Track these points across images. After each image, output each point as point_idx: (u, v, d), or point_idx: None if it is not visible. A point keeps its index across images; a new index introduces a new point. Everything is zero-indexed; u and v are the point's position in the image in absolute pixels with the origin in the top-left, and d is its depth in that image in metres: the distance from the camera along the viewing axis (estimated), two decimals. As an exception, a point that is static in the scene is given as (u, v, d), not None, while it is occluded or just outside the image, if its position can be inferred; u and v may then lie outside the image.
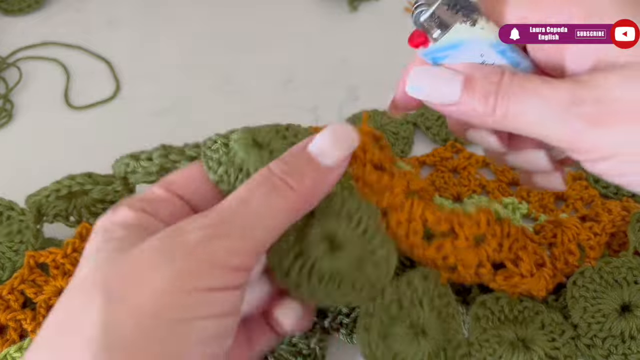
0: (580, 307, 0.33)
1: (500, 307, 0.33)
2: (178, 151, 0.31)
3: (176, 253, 0.24)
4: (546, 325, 0.33)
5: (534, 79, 0.27)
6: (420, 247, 0.31)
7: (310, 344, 0.33)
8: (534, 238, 0.34)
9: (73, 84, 0.51)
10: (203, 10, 0.58)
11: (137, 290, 0.23)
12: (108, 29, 0.56)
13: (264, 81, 0.51)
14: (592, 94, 0.26)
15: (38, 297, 0.34)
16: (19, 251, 0.35)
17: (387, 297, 0.30)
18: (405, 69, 0.31)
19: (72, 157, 0.40)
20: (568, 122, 0.26)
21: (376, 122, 0.47)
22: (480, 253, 0.31)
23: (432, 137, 0.46)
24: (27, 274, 0.34)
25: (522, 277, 0.32)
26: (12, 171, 0.44)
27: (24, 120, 0.48)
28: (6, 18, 0.56)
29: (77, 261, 0.34)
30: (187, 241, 0.24)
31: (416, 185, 0.31)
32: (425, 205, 0.31)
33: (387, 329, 0.30)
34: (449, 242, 0.31)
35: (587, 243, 0.34)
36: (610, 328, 0.32)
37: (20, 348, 0.33)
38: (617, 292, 0.33)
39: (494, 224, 0.31)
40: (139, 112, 0.49)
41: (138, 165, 0.33)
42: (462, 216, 0.31)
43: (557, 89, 0.26)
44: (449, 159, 0.44)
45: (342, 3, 0.58)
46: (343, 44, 0.55)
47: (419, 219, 0.30)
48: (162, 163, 0.32)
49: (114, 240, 0.25)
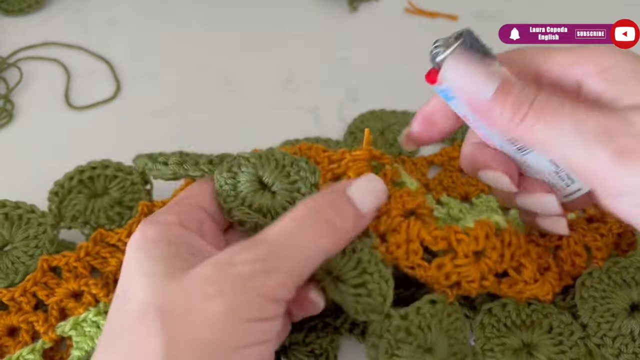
0: (590, 307, 0.33)
1: (507, 314, 0.33)
2: (193, 162, 0.33)
3: (230, 286, 0.25)
4: (554, 327, 0.33)
5: (569, 102, 0.27)
6: (422, 267, 0.31)
7: (323, 344, 0.33)
8: (539, 241, 0.34)
9: (73, 84, 0.51)
10: (203, 10, 0.58)
11: (194, 321, 0.25)
12: (108, 29, 0.56)
13: (264, 81, 0.51)
14: (625, 128, 0.26)
15: (50, 299, 0.34)
16: (34, 256, 0.36)
17: (394, 323, 0.31)
18: (421, 109, 0.32)
19: (72, 157, 0.40)
20: (596, 151, 0.26)
21: (384, 121, 0.47)
22: (482, 267, 0.31)
23: None
24: (39, 277, 0.34)
25: (526, 283, 0.32)
26: (12, 171, 0.44)
27: (24, 121, 0.48)
28: (6, 18, 0.56)
29: (89, 265, 0.35)
30: (239, 274, 0.25)
31: (412, 204, 0.32)
32: (422, 225, 0.31)
33: (394, 350, 0.31)
34: (448, 260, 0.31)
35: (594, 244, 0.34)
36: (620, 327, 0.32)
37: (32, 350, 0.33)
38: (626, 291, 0.33)
39: (493, 237, 0.31)
40: (139, 112, 0.49)
41: (154, 167, 0.34)
42: (460, 233, 0.31)
43: (590, 115, 0.26)
44: (457, 159, 0.44)
45: (342, 3, 0.58)
46: (343, 44, 0.55)
47: (416, 239, 0.31)
48: (176, 170, 0.33)
49: (159, 261, 0.27)
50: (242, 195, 0.32)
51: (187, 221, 0.29)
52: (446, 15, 0.57)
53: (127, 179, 0.39)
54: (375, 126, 0.46)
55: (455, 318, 0.32)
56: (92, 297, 0.34)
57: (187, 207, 0.31)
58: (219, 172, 0.32)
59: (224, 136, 0.44)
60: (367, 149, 0.33)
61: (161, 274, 0.26)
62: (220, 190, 0.32)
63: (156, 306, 0.25)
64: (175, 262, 0.27)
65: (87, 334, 0.33)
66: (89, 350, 0.33)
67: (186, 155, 0.34)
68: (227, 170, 0.32)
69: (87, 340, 0.33)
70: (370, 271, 0.30)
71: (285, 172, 0.32)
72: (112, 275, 0.35)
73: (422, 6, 0.58)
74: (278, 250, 0.27)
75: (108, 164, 0.39)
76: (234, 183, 0.32)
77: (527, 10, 0.57)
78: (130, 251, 0.28)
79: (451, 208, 0.40)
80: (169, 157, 0.34)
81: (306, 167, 0.32)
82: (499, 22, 0.36)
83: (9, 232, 0.36)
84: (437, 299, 0.32)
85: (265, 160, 0.32)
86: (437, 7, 0.57)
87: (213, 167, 0.32)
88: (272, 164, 0.32)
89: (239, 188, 0.32)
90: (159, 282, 0.26)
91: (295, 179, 0.32)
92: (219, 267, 0.26)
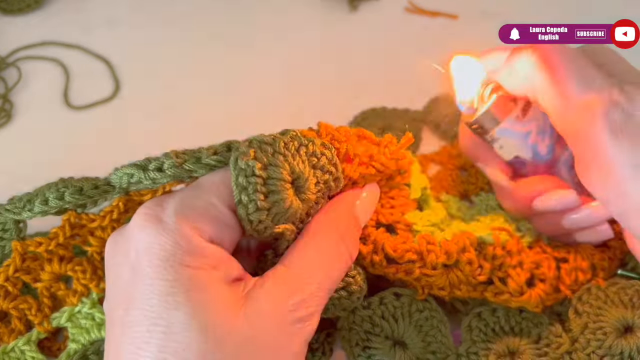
0: (582, 322, 0.32)
1: (496, 319, 0.33)
2: (194, 159, 0.28)
3: (282, 341, 0.25)
4: (543, 338, 0.33)
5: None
6: (390, 273, 0.32)
7: (319, 338, 0.33)
8: (547, 249, 0.34)
9: (72, 83, 0.51)
10: (203, 10, 0.58)
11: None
12: (108, 29, 0.56)
13: (264, 81, 0.51)
14: None
15: (37, 284, 0.34)
16: (4, 239, 0.34)
17: (358, 314, 0.32)
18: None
19: (71, 157, 0.40)
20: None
21: (385, 119, 0.47)
22: (452, 278, 0.32)
23: (440, 135, 0.46)
24: (19, 262, 0.33)
25: (511, 295, 0.32)
26: (11, 171, 0.44)
27: (23, 120, 0.48)
28: (5, 18, 0.56)
29: (69, 249, 0.33)
30: (290, 328, 0.25)
31: (388, 219, 0.33)
32: (387, 239, 0.32)
33: (365, 342, 0.32)
34: (417, 267, 0.31)
35: (600, 264, 0.34)
36: (610, 346, 0.31)
37: (28, 341, 0.33)
38: (622, 312, 0.32)
39: (471, 251, 0.32)
40: (138, 112, 0.49)
41: (146, 177, 0.28)
42: (431, 244, 0.32)
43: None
44: (457, 157, 0.44)
45: (342, 2, 0.58)
46: (343, 44, 0.55)
47: (380, 252, 0.32)
48: (175, 174, 0.28)
49: (203, 296, 0.23)
50: (275, 199, 0.26)
51: (222, 233, 0.26)
52: (447, 14, 0.57)
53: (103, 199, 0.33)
54: (376, 123, 0.46)
55: (430, 315, 0.32)
56: (83, 286, 0.33)
57: (224, 213, 0.26)
58: (242, 156, 0.26)
59: (224, 136, 0.44)
60: (395, 156, 0.32)
61: (211, 312, 0.23)
62: (245, 183, 0.26)
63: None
64: (221, 296, 0.24)
65: (83, 327, 0.33)
66: (86, 343, 0.33)
67: (182, 154, 0.28)
68: (253, 157, 0.26)
69: (83, 333, 0.33)
70: (352, 274, 0.30)
71: (315, 177, 0.28)
72: (98, 255, 0.33)
73: (423, 6, 0.57)
74: (316, 291, 0.27)
75: (72, 199, 0.31)
76: (264, 177, 0.26)
77: (527, 10, 0.57)
78: (155, 266, 0.24)
79: (450, 206, 0.40)
80: (162, 161, 0.28)
81: (334, 172, 0.29)
82: (499, 22, 0.36)
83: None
84: (402, 292, 0.32)
85: (295, 153, 0.28)
86: (438, 6, 0.57)
87: (222, 157, 0.28)
88: (305, 163, 0.28)
89: (270, 185, 0.26)
90: (209, 325, 0.23)
91: (320, 188, 0.29)
92: (271, 320, 0.25)
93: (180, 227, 0.24)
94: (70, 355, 0.33)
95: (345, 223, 0.30)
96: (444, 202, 0.40)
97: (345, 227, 0.29)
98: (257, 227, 0.27)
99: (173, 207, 0.25)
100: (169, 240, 0.24)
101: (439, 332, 0.32)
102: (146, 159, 0.29)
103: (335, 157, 0.29)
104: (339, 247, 0.29)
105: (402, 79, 0.50)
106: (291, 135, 0.28)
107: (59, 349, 0.33)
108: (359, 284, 0.30)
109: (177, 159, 0.28)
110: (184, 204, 0.26)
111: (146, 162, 0.28)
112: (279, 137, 0.27)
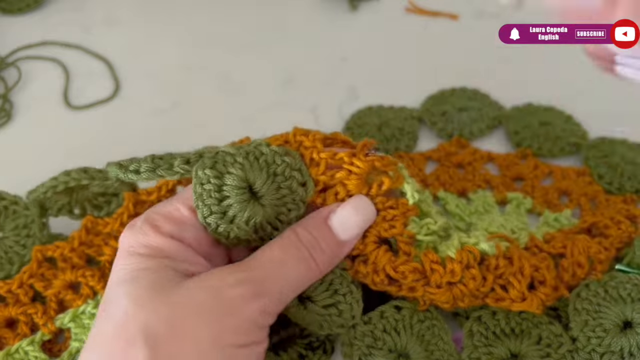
0: (582, 320, 0.32)
1: (496, 322, 0.33)
2: (167, 166, 0.30)
3: (220, 310, 0.26)
4: (543, 338, 0.33)
5: None
6: (392, 291, 0.32)
7: (320, 337, 0.33)
8: (543, 247, 0.34)
9: (72, 83, 0.51)
10: (203, 10, 0.58)
11: (179, 344, 0.25)
12: (107, 29, 0.56)
13: (264, 80, 0.51)
14: None
15: (47, 291, 0.34)
16: (27, 245, 0.36)
17: (359, 330, 0.32)
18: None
19: (71, 157, 0.39)
20: None
21: (381, 117, 0.47)
22: (456, 292, 0.31)
23: (438, 132, 0.46)
24: (35, 268, 0.35)
25: (513, 301, 0.32)
26: (11, 171, 0.44)
27: (23, 120, 0.48)
28: (5, 17, 0.56)
29: (84, 254, 0.35)
30: (229, 298, 0.26)
31: (388, 233, 0.32)
32: (389, 258, 0.31)
33: (367, 357, 0.31)
34: (420, 286, 0.31)
35: (597, 257, 0.34)
36: (609, 344, 0.31)
37: (32, 342, 0.33)
38: (621, 307, 0.32)
39: (474, 267, 0.31)
40: (138, 112, 0.49)
41: (126, 176, 0.31)
42: (435, 263, 0.31)
43: None
44: (454, 154, 0.44)
45: (342, 2, 0.58)
46: (343, 43, 0.55)
47: (381, 272, 0.31)
48: (150, 177, 0.30)
49: (145, 273, 0.27)
50: (228, 203, 0.29)
51: (181, 234, 0.29)
52: (447, 14, 0.57)
53: (105, 184, 0.36)
54: (372, 122, 0.46)
55: (431, 324, 0.32)
56: (90, 289, 0.34)
57: (185, 216, 0.29)
58: (200, 167, 0.29)
59: (224, 136, 0.44)
60: (369, 159, 0.31)
61: (146, 286, 0.26)
62: (200, 190, 0.29)
63: (140, 321, 0.25)
64: (164, 275, 0.27)
65: (87, 326, 0.33)
66: None
67: (159, 159, 0.31)
68: (210, 167, 0.29)
69: (86, 332, 0.33)
70: (342, 292, 0.30)
71: (276, 183, 0.30)
72: (109, 265, 0.35)
73: (423, 6, 0.57)
74: (267, 276, 0.27)
75: (78, 175, 0.36)
76: (219, 184, 0.29)
77: (527, 10, 0.57)
78: (120, 257, 0.28)
79: (448, 203, 0.40)
80: (140, 164, 0.30)
81: (299, 177, 0.30)
82: (499, 22, 0.36)
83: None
84: (402, 305, 0.32)
85: (254, 162, 0.30)
86: (438, 6, 0.57)
87: (190, 167, 0.30)
88: (263, 171, 0.30)
89: (224, 192, 0.29)
90: (142, 295, 0.26)
91: (284, 194, 0.30)
92: (209, 290, 0.26)
93: (142, 226, 0.28)
94: (72, 353, 0.33)
95: (310, 231, 0.29)
96: (442, 199, 0.40)
97: (308, 236, 0.29)
98: (217, 230, 0.29)
99: (145, 214, 0.29)
100: (133, 237, 0.28)
101: (441, 340, 0.32)
102: (129, 159, 0.32)
103: (300, 162, 0.31)
104: (299, 251, 0.29)
105: (402, 79, 0.50)
106: (255, 145, 0.30)
107: (60, 350, 0.34)
108: (349, 302, 0.30)
109: (152, 164, 0.30)
110: (154, 210, 0.30)
111: (128, 162, 0.31)
112: (243, 147, 0.30)
